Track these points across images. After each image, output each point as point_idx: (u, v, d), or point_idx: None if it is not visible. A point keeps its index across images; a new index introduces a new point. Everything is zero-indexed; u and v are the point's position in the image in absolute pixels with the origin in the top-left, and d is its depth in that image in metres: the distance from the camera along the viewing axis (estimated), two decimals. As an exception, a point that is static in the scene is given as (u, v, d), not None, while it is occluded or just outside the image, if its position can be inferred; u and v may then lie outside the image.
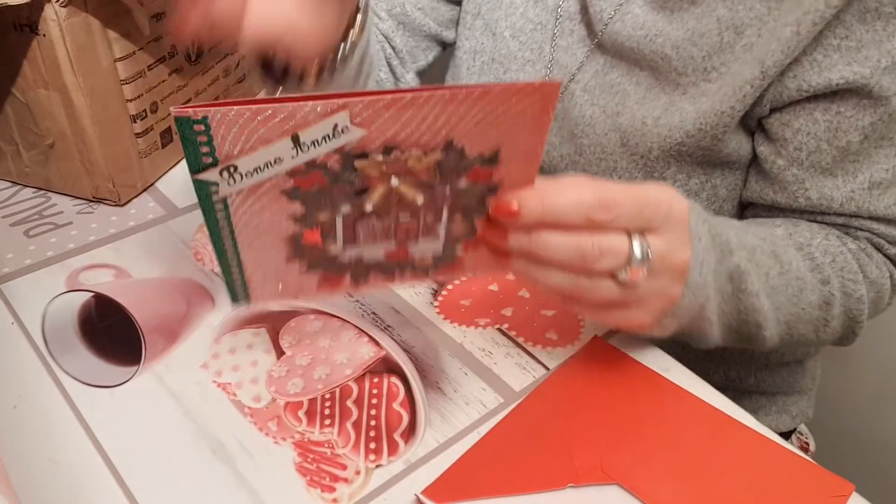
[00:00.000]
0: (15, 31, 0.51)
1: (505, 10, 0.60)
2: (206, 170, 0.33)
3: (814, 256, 0.49)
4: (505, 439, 0.40)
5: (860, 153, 0.49)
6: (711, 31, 0.49)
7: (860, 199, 0.50)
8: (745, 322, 0.46)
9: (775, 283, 0.46)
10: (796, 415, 0.69)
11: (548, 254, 0.35)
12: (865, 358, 0.94)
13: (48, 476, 0.39)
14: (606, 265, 0.35)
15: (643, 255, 0.36)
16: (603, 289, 0.36)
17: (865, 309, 0.51)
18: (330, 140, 0.32)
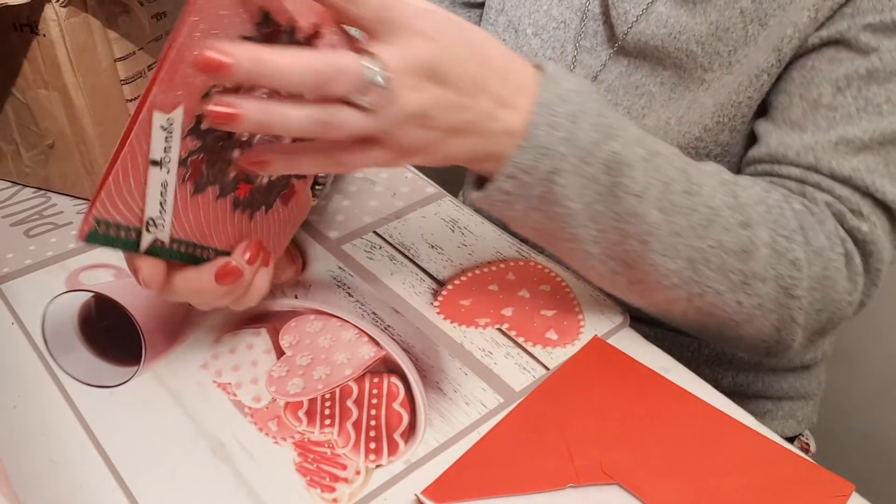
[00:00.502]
0: (15, 31, 0.51)
1: (529, 7, 0.60)
2: (139, 244, 0.35)
3: (738, 195, 0.44)
4: (505, 439, 0.40)
5: (835, 108, 0.45)
6: (736, 24, 0.49)
7: (821, 151, 0.45)
8: (626, 233, 0.41)
9: (676, 200, 0.41)
10: (802, 420, 0.69)
11: (277, 78, 0.32)
12: (865, 359, 0.94)
13: (48, 476, 0.39)
14: (341, 87, 0.32)
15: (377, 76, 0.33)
16: (348, 121, 0.33)
17: (803, 280, 0.44)
18: (171, 136, 0.34)
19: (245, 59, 0.31)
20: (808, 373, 0.68)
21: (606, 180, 0.40)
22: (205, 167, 0.36)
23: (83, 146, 0.55)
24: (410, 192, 0.60)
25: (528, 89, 0.39)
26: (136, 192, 0.34)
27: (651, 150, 0.41)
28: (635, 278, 0.44)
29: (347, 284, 0.51)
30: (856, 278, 0.46)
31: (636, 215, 0.41)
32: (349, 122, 0.34)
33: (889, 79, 0.44)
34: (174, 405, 0.42)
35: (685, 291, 0.44)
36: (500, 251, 0.54)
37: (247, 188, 0.40)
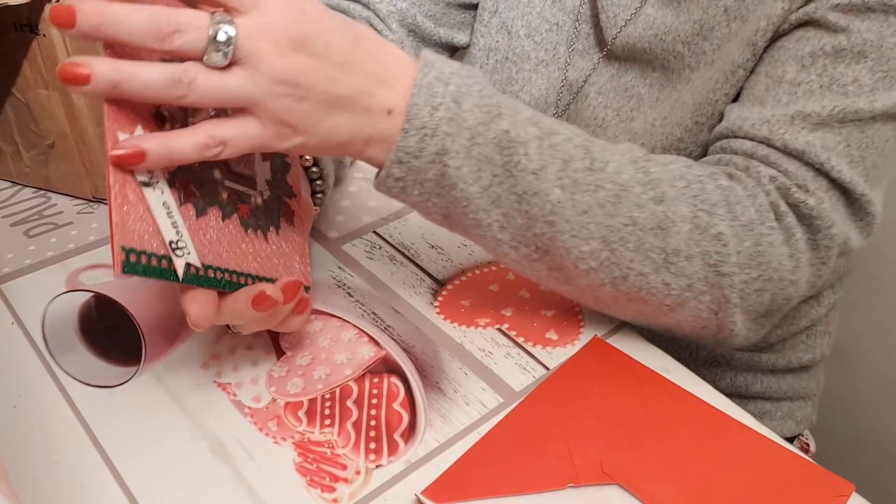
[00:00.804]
0: (15, 31, 0.51)
1: (522, 8, 0.60)
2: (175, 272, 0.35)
3: (650, 171, 0.41)
4: (505, 439, 0.40)
5: (797, 84, 0.44)
6: (720, 22, 0.48)
7: (776, 125, 0.43)
8: (531, 215, 0.40)
9: (579, 178, 0.40)
10: (801, 420, 0.69)
11: (118, 28, 0.31)
12: (865, 358, 0.94)
13: (48, 476, 0.39)
14: (190, 42, 0.32)
15: (224, 31, 0.32)
16: (205, 81, 0.33)
17: (731, 255, 0.42)
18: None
19: (89, 7, 0.31)
20: (807, 373, 0.68)
21: (500, 160, 0.39)
22: (194, 187, 0.36)
23: (83, 146, 0.55)
24: (410, 192, 0.60)
25: (406, 71, 0.38)
26: (144, 214, 0.34)
27: (547, 129, 0.40)
28: (554, 264, 0.42)
29: (347, 284, 0.51)
30: (798, 255, 0.43)
31: (536, 194, 0.39)
32: (206, 81, 0.33)
33: (857, 59, 0.43)
34: (174, 405, 0.42)
35: (607, 275, 0.42)
36: (500, 251, 0.54)
37: (245, 208, 0.40)
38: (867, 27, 0.42)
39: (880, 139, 0.44)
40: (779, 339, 0.65)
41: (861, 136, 0.43)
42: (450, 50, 0.67)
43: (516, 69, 0.60)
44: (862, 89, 0.43)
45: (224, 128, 0.35)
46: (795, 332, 0.65)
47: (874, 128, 0.43)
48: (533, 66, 0.59)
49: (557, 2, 0.58)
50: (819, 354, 0.67)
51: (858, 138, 0.43)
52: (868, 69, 0.43)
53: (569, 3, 0.58)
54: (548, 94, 0.60)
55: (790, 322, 0.64)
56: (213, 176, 0.38)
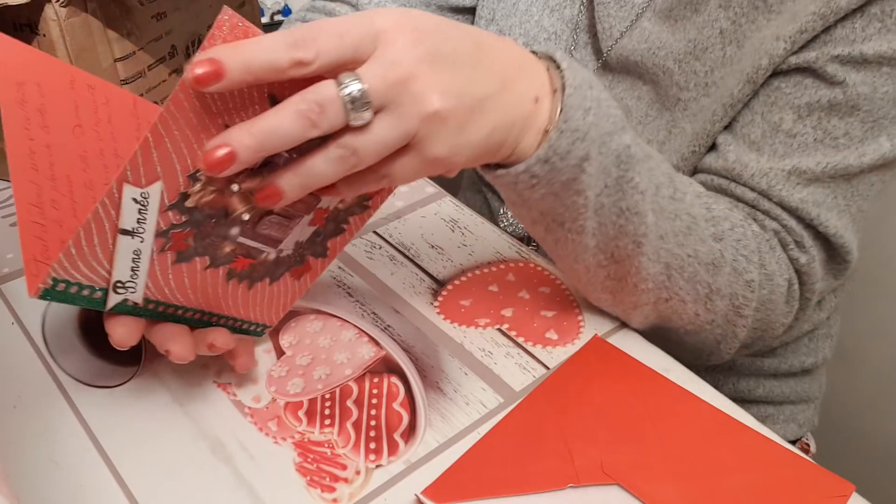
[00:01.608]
0: (15, 31, 0.51)
1: (520, 17, 0.59)
2: (106, 301, 0.35)
3: (711, 208, 0.44)
4: (505, 439, 0.40)
5: (793, 136, 0.46)
6: (715, 45, 0.48)
7: (774, 179, 0.46)
8: (624, 231, 0.41)
9: (664, 205, 0.42)
10: (803, 423, 0.69)
11: (277, 140, 0.32)
12: (866, 360, 0.94)
13: (48, 476, 0.39)
14: (334, 116, 0.32)
15: (353, 89, 0.32)
16: (363, 146, 0.33)
17: (753, 302, 0.45)
18: (146, 209, 0.33)
19: (238, 139, 0.31)
20: (809, 377, 0.68)
21: (616, 173, 0.39)
22: (192, 240, 0.36)
23: (83, 146, 0.55)
24: (410, 192, 0.60)
25: (531, 60, 0.38)
26: (103, 256, 0.33)
27: (644, 150, 0.41)
28: (617, 275, 0.44)
29: (347, 284, 0.51)
30: (793, 303, 0.48)
31: (637, 213, 0.40)
32: (366, 145, 0.33)
33: (850, 112, 0.45)
34: (174, 405, 0.42)
35: (654, 296, 0.44)
36: (499, 251, 0.54)
37: (246, 262, 0.39)
38: (862, 79, 0.44)
39: (866, 186, 0.47)
40: (781, 343, 0.65)
41: (847, 186, 0.46)
42: None
43: None
44: (852, 141, 0.45)
45: (387, 168, 0.35)
46: (797, 336, 0.65)
47: (860, 178, 0.46)
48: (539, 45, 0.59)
49: (556, 11, 0.58)
50: (821, 358, 0.67)
51: (845, 188, 0.46)
52: (859, 121, 0.45)
53: (567, 12, 0.57)
54: None
55: (792, 326, 0.64)
56: (228, 232, 0.37)
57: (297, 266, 0.42)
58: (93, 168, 0.37)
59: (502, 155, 0.38)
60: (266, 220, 0.37)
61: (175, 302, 0.38)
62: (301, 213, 0.38)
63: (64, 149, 0.36)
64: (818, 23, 0.43)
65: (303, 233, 0.40)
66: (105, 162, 0.38)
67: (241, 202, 0.36)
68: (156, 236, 0.34)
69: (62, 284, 0.33)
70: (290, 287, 0.43)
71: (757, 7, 0.46)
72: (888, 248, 0.86)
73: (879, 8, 0.42)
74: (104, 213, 0.32)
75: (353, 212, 0.41)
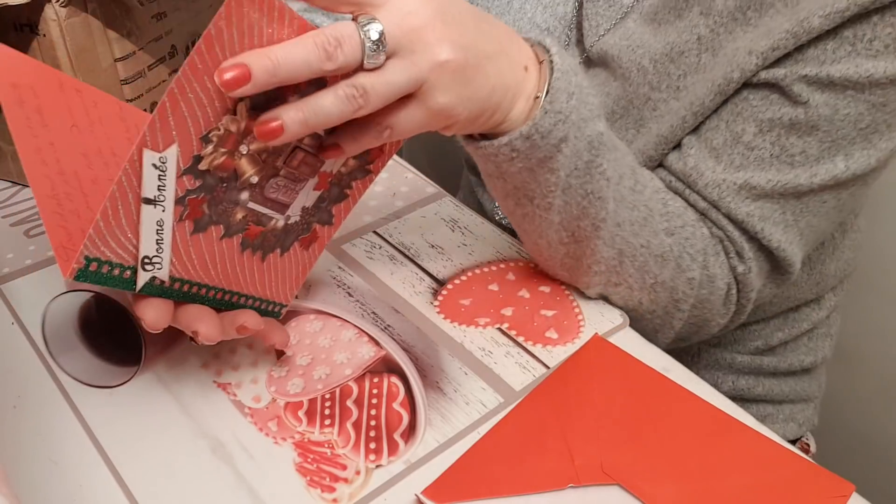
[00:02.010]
0: (15, 31, 0.51)
1: (514, 14, 0.60)
2: (135, 282, 0.35)
3: (668, 204, 0.47)
4: (505, 439, 0.40)
5: (752, 149, 0.47)
6: (691, 50, 0.49)
7: (725, 191, 0.47)
8: (586, 212, 0.44)
9: (625, 194, 0.44)
10: (803, 422, 0.69)
11: (291, 65, 0.32)
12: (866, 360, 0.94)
13: (48, 476, 0.39)
14: (350, 53, 0.33)
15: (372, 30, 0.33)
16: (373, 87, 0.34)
17: (691, 299, 0.48)
18: (165, 175, 0.34)
19: (255, 60, 0.32)
20: (808, 376, 0.68)
21: (586, 157, 0.42)
22: (206, 206, 0.36)
23: (83, 146, 0.55)
24: (410, 192, 0.60)
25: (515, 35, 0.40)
26: (129, 229, 0.34)
27: (614, 141, 0.44)
28: (574, 255, 0.47)
29: (347, 284, 0.51)
30: (729, 306, 0.51)
31: (600, 198, 0.43)
32: (375, 86, 0.34)
33: (809, 132, 0.46)
34: (174, 405, 0.42)
35: (605, 279, 0.47)
36: (499, 251, 0.54)
37: (258, 230, 0.40)
38: (825, 101, 0.45)
39: (817, 204, 0.48)
40: (781, 342, 0.65)
41: (797, 202, 0.48)
42: None
43: None
44: (808, 160, 0.46)
45: (392, 116, 0.36)
46: (797, 335, 0.66)
47: (811, 196, 0.48)
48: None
49: (549, 8, 0.58)
50: (821, 357, 0.68)
51: (794, 205, 0.48)
52: (818, 140, 0.46)
53: (560, 9, 0.58)
54: None
55: (792, 325, 0.65)
56: (238, 197, 0.37)
57: (305, 234, 0.42)
58: (95, 165, 0.37)
59: (496, 120, 0.40)
60: (273, 183, 0.38)
61: (197, 279, 0.38)
62: (306, 176, 0.39)
63: (66, 146, 0.36)
64: (790, 41, 0.44)
65: (308, 197, 0.41)
66: (105, 160, 0.38)
67: (250, 164, 0.36)
68: (175, 204, 0.35)
69: (94, 264, 0.33)
70: (301, 258, 0.43)
71: (736, 19, 0.47)
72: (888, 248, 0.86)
73: (852, 32, 0.43)
74: (127, 182, 0.33)
75: (356, 176, 0.42)
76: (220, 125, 0.34)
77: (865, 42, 0.43)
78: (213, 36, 0.31)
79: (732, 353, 0.65)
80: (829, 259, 0.62)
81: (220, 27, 0.31)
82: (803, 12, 0.43)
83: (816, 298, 0.65)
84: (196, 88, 0.32)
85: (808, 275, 0.61)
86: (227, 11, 0.31)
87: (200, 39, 0.31)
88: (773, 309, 0.63)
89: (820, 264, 0.61)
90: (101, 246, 0.33)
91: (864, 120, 0.45)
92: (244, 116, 0.34)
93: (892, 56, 0.43)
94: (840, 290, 0.67)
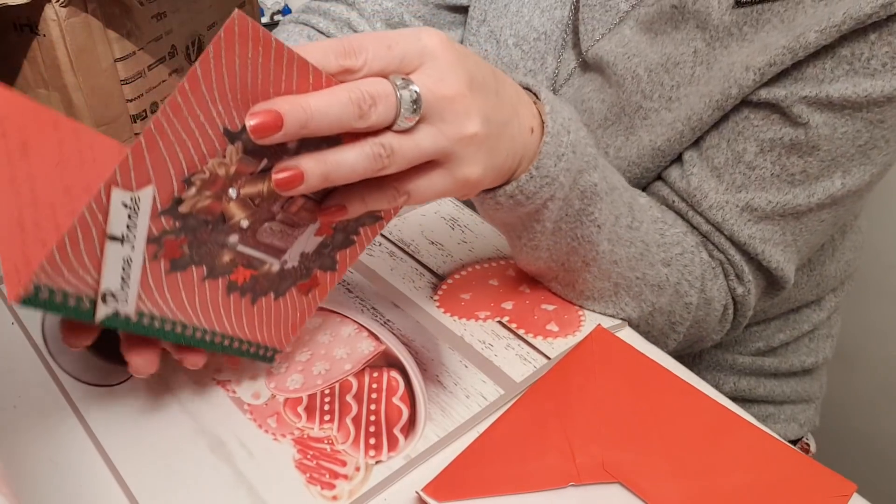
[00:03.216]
0: (15, 31, 0.51)
1: (511, 17, 0.60)
2: (95, 313, 0.33)
3: (664, 234, 0.48)
4: (506, 435, 0.40)
5: (753, 168, 0.47)
6: (686, 62, 0.49)
7: (729, 213, 0.48)
8: (575, 252, 0.44)
9: (622, 234, 0.44)
10: (804, 423, 0.69)
11: (324, 119, 0.31)
12: (866, 360, 0.94)
13: (48, 476, 0.39)
14: (384, 112, 0.32)
15: (410, 91, 0.32)
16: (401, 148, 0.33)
17: (688, 321, 0.49)
18: (137, 214, 0.32)
19: (288, 108, 0.31)
20: (810, 376, 0.68)
21: (578, 205, 0.42)
22: (186, 247, 0.34)
23: (83, 146, 0.55)
24: (410, 192, 0.60)
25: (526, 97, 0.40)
26: (91, 263, 0.32)
27: (610, 182, 0.44)
28: (566, 280, 0.47)
29: (346, 280, 0.51)
30: (725, 324, 0.52)
31: (591, 242, 0.44)
32: (402, 148, 0.33)
33: (810, 152, 0.46)
34: (174, 403, 0.42)
35: (600, 306, 0.48)
36: (500, 249, 0.54)
37: (247, 273, 0.37)
38: (824, 121, 0.45)
39: (815, 223, 0.49)
40: (782, 343, 0.65)
41: (797, 223, 0.49)
42: None
43: None
44: (808, 178, 0.47)
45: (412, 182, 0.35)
46: (798, 336, 0.66)
47: (809, 216, 0.49)
48: (521, 75, 0.60)
49: (546, 11, 0.58)
50: (822, 358, 0.68)
51: (794, 225, 0.49)
52: (818, 160, 0.46)
53: (558, 13, 0.58)
54: None
55: (793, 326, 0.65)
56: (226, 240, 0.35)
57: (304, 280, 0.40)
58: (77, 200, 0.36)
59: (505, 179, 0.39)
60: (267, 228, 0.36)
61: (173, 317, 0.36)
62: (306, 223, 0.37)
63: (47, 179, 0.35)
64: (787, 56, 0.44)
65: (308, 243, 0.38)
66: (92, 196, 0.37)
67: (239, 209, 0.34)
68: (147, 242, 0.33)
69: (46, 292, 0.31)
70: (298, 304, 0.41)
71: (732, 34, 0.47)
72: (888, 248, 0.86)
73: (850, 50, 0.43)
74: (91, 218, 0.31)
75: (364, 222, 0.40)
76: (205, 168, 0.32)
77: (863, 61, 0.43)
78: (199, 76, 0.29)
79: (734, 354, 0.65)
80: (830, 260, 0.62)
81: (208, 67, 0.29)
82: (799, 28, 0.44)
83: (817, 300, 0.65)
84: (178, 129, 0.30)
85: (808, 276, 0.61)
86: (215, 49, 0.29)
87: (184, 79, 0.29)
88: (774, 310, 0.63)
89: (820, 266, 0.61)
90: (55, 276, 0.31)
91: (863, 137, 0.45)
92: (234, 161, 0.32)
93: (889, 74, 0.43)
94: (841, 291, 0.67)
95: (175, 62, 0.59)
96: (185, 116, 0.30)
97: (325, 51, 0.32)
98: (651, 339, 0.49)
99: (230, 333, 0.39)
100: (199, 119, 0.30)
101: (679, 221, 0.50)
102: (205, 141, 0.31)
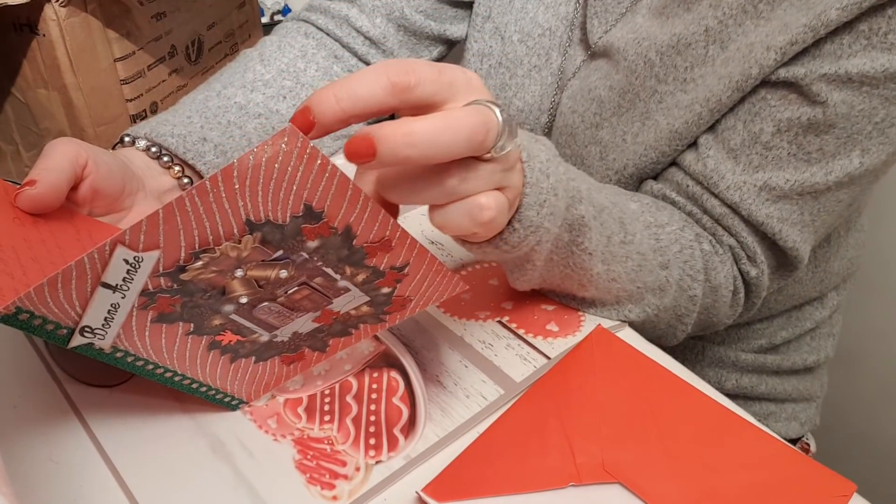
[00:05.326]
0: (15, 31, 0.51)
1: (515, 13, 0.60)
2: (70, 339, 0.33)
3: (659, 238, 0.47)
4: (507, 435, 0.40)
5: (770, 148, 0.47)
6: (698, 42, 0.49)
7: (746, 193, 0.48)
8: (569, 277, 0.44)
9: (615, 251, 0.44)
10: (805, 422, 0.69)
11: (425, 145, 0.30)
12: (866, 360, 0.94)
13: (48, 476, 0.39)
14: (492, 140, 0.32)
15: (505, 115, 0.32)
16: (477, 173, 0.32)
17: (695, 311, 0.49)
18: (137, 271, 0.32)
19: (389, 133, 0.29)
20: (811, 375, 0.68)
21: (567, 238, 0.42)
22: (178, 307, 0.34)
23: (83, 146, 0.55)
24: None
25: None
26: (78, 301, 0.32)
27: (598, 205, 0.43)
28: (565, 295, 0.48)
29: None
30: (736, 308, 0.52)
31: (583, 268, 0.43)
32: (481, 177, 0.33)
33: (827, 130, 0.46)
34: (174, 403, 0.42)
35: (603, 312, 0.48)
36: (500, 249, 0.54)
37: (234, 338, 0.37)
38: (842, 99, 0.45)
39: (833, 203, 0.49)
40: (784, 340, 0.65)
41: (815, 203, 0.48)
42: (444, 43, 0.67)
43: (509, 74, 0.60)
44: (824, 156, 0.47)
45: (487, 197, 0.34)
46: (800, 334, 0.66)
47: (827, 195, 0.48)
48: (526, 71, 0.59)
49: (551, 7, 0.58)
50: (823, 356, 0.68)
51: (812, 205, 0.48)
52: (834, 137, 0.46)
53: (562, 8, 0.58)
54: (542, 100, 0.60)
55: (795, 324, 0.65)
56: (221, 308, 0.35)
57: (290, 354, 0.40)
58: (36, 249, 0.36)
59: None
60: (266, 307, 0.36)
61: (146, 356, 0.36)
62: (307, 310, 0.37)
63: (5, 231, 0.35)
64: (809, 35, 0.44)
65: (304, 326, 0.38)
66: (48, 248, 0.37)
67: (242, 286, 0.34)
68: (140, 294, 0.33)
69: (25, 315, 0.31)
70: (277, 371, 0.41)
71: (746, 11, 0.47)
72: (888, 248, 0.86)
73: (867, 25, 0.43)
74: (89, 265, 0.31)
75: (366, 321, 0.39)
76: (217, 249, 0.32)
77: (881, 35, 0.43)
78: (235, 174, 0.29)
79: (736, 351, 0.65)
80: (834, 257, 0.62)
81: (246, 165, 0.29)
82: (820, 5, 0.43)
83: (820, 297, 0.65)
84: (200, 210, 0.30)
85: (812, 272, 0.61)
86: (258, 151, 0.28)
87: (219, 171, 0.29)
88: (777, 307, 0.63)
89: (824, 262, 0.61)
90: (40, 305, 0.31)
91: (879, 114, 0.45)
92: (248, 248, 0.32)
93: None
94: (843, 289, 0.67)
95: (175, 62, 0.59)
96: (210, 202, 0.30)
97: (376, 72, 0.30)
98: (659, 332, 0.49)
99: (199, 379, 0.39)
100: (223, 207, 0.30)
101: (675, 217, 0.49)
102: (224, 225, 0.31)
